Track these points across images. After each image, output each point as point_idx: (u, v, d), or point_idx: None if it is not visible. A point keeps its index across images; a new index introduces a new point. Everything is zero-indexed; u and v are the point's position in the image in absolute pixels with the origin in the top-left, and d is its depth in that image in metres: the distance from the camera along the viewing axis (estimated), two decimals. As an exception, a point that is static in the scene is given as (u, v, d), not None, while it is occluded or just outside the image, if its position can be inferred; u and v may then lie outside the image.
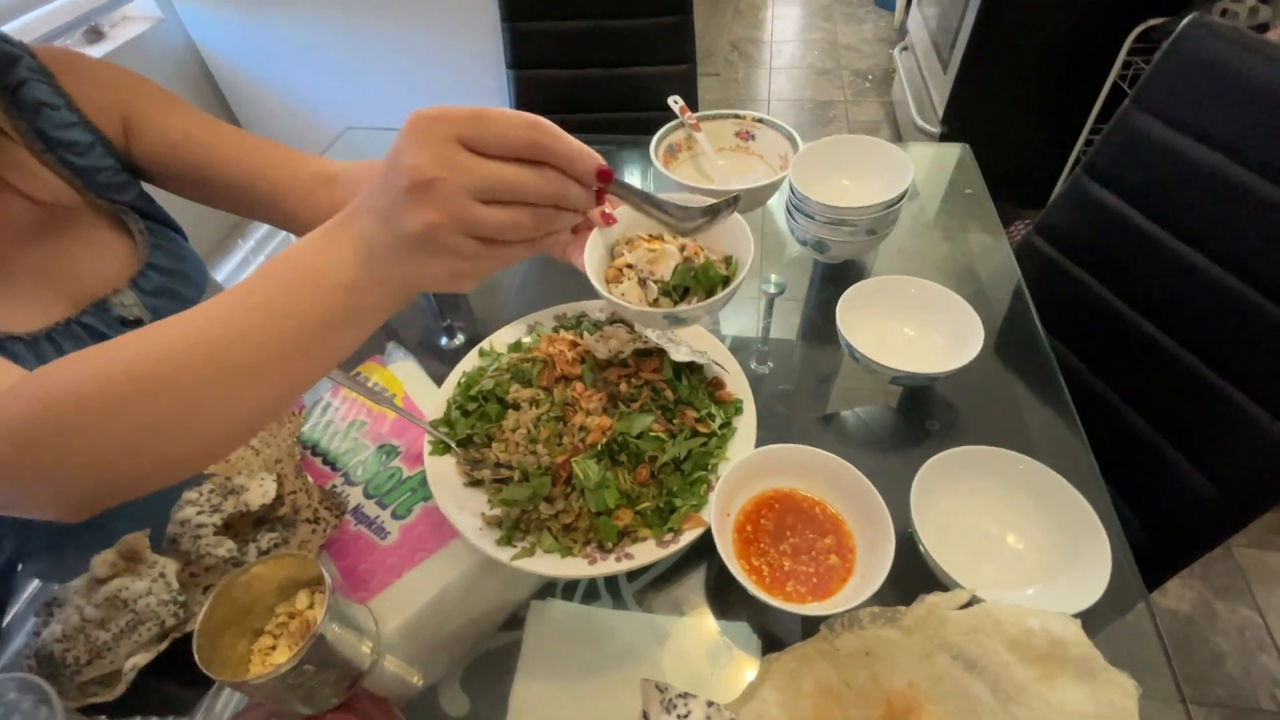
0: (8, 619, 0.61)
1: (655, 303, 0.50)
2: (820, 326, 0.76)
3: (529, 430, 0.56)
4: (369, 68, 1.66)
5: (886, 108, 2.92)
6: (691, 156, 0.92)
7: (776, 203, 0.91)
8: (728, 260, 0.53)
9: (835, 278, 0.81)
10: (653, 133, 0.89)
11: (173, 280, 0.68)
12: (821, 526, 0.53)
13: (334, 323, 0.37)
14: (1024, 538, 0.54)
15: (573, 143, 0.35)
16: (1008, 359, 0.72)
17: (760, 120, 0.90)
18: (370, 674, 0.47)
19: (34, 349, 0.58)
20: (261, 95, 1.72)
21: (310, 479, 0.60)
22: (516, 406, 0.58)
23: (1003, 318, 0.77)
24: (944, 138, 1.86)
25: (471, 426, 0.58)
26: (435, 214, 0.33)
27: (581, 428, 0.53)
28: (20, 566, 0.66)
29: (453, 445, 0.58)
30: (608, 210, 0.43)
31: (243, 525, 0.57)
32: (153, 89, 0.67)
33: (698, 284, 0.50)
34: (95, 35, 1.45)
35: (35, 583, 0.65)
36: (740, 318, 0.80)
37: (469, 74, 1.61)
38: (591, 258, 0.51)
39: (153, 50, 1.53)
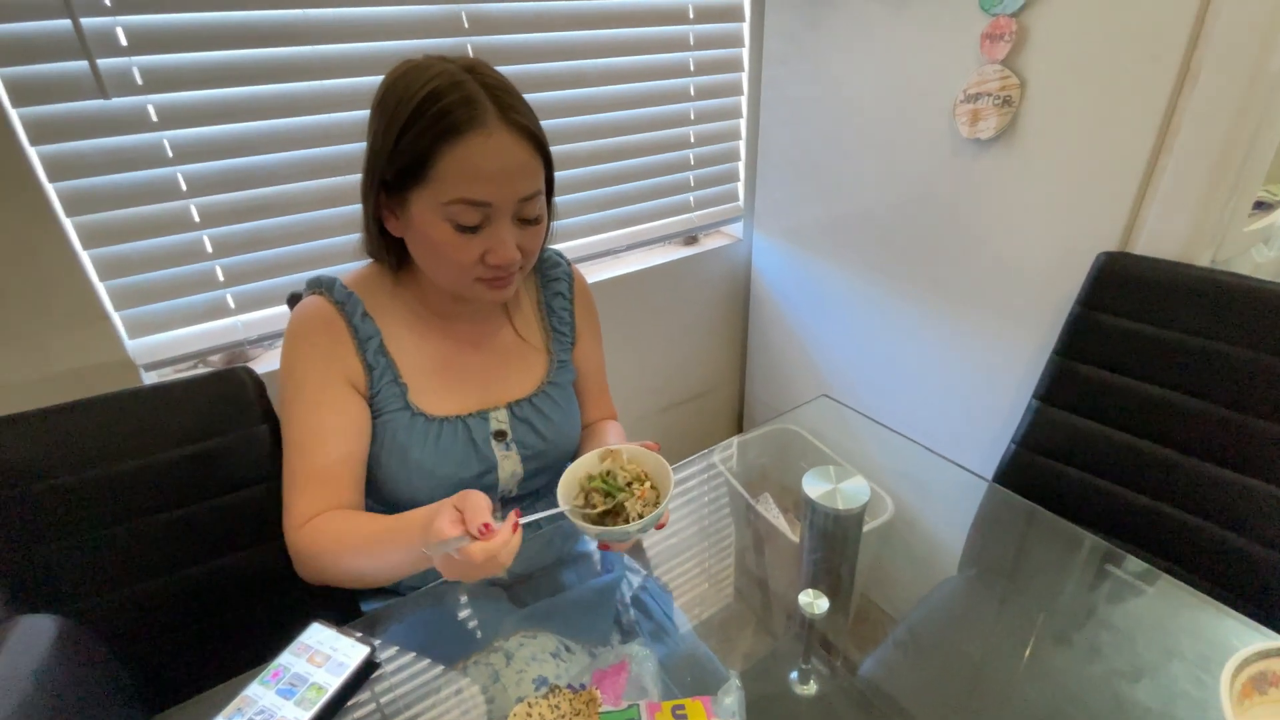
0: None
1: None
2: None
3: None
4: (875, 346, 1.66)
5: None
6: (1300, 706, 0.55)
7: None
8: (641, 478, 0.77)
9: None
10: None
11: (535, 415, 0.94)
12: None
13: (399, 540, 0.72)
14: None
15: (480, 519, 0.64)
16: None
17: None
18: None
19: (433, 428, 0.86)
20: (773, 318, 1.96)
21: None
22: None
23: None
24: None
25: None
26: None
27: None
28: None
29: None
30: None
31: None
32: (597, 323, 1.05)
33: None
34: (691, 241, 1.91)
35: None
36: None
37: (976, 390, 1.45)
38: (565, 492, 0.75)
39: (723, 258, 1.93)
